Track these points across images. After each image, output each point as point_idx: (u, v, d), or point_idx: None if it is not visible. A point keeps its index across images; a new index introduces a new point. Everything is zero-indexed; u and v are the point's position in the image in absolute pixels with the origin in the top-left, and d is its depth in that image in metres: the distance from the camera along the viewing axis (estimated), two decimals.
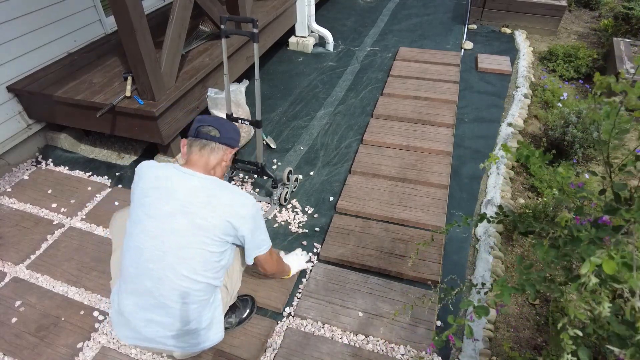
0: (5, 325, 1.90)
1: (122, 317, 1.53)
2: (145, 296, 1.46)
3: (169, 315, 1.47)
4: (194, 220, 1.41)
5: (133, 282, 1.47)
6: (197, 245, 1.42)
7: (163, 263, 1.42)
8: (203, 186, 1.45)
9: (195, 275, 1.44)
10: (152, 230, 1.43)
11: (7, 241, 2.29)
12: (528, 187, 2.72)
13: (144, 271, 1.44)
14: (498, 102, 3.53)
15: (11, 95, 2.69)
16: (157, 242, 1.42)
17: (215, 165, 1.53)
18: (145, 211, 1.45)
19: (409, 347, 1.81)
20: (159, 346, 1.54)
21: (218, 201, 1.44)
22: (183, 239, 1.41)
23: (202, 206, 1.42)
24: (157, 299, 1.45)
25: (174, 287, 1.44)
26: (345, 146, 3.02)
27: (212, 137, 1.51)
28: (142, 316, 1.48)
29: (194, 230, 1.41)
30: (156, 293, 1.44)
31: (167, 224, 1.41)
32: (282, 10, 3.83)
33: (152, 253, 1.42)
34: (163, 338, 1.51)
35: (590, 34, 4.80)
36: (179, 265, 1.42)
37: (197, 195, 1.43)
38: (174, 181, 1.44)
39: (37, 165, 2.84)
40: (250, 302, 1.92)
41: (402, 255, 2.19)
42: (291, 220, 2.44)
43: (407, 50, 4.24)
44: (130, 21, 2.14)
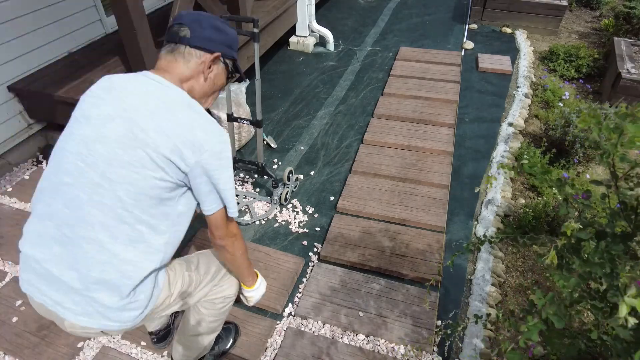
0: (6, 325, 1.91)
1: (22, 253, 1.14)
2: (49, 222, 1.08)
3: (67, 258, 1.07)
4: (131, 128, 1.04)
5: (42, 201, 1.10)
6: (129, 166, 1.03)
7: (82, 179, 1.04)
8: (160, 94, 1.09)
9: (119, 210, 1.05)
10: (80, 133, 1.07)
11: (8, 240, 2.29)
12: (528, 186, 2.71)
13: (57, 186, 1.07)
14: (499, 101, 3.52)
15: (12, 95, 2.69)
16: (82, 149, 1.05)
17: (190, 77, 1.16)
18: (82, 111, 1.10)
19: (409, 347, 1.81)
20: (46, 303, 1.11)
21: (172, 116, 1.07)
22: (113, 152, 1.03)
23: (147, 114, 1.05)
24: (60, 230, 1.06)
25: (85, 219, 1.05)
26: (346, 146, 3.02)
27: (180, 38, 1.13)
28: (36, 253, 1.09)
29: (128, 142, 1.03)
30: (61, 221, 1.06)
31: (100, 128, 1.05)
32: (282, 10, 3.83)
33: (72, 163, 1.06)
34: (51, 289, 1.09)
35: (591, 33, 4.79)
36: (99, 188, 1.04)
37: (146, 102, 1.07)
38: (129, 84, 1.11)
39: (37, 164, 2.84)
40: (233, 331, 1.79)
41: (402, 255, 2.18)
42: (292, 220, 2.44)
43: (408, 50, 4.24)
44: (130, 21, 2.14)
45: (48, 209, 1.08)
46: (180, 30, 1.14)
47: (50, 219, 1.08)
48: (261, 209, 2.53)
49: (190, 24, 1.14)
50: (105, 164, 1.04)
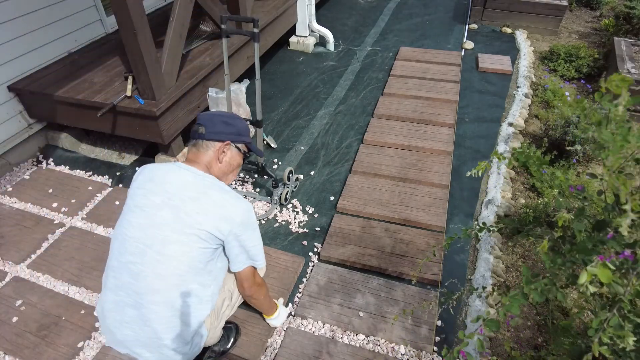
0: (6, 325, 1.91)
1: (102, 315, 1.42)
2: (122, 293, 1.35)
3: (141, 318, 1.34)
4: (178, 214, 1.32)
5: (114, 277, 1.38)
6: (179, 243, 1.32)
7: (144, 258, 1.32)
8: (196, 182, 1.38)
9: (176, 277, 1.33)
10: (137, 222, 1.35)
11: (8, 240, 2.29)
12: (529, 187, 2.71)
13: (124, 264, 1.35)
14: (499, 101, 3.52)
15: (12, 95, 2.69)
16: (141, 235, 1.33)
17: (210, 162, 1.46)
18: (135, 202, 1.38)
19: (409, 347, 1.81)
20: (130, 353, 1.40)
21: (208, 199, 1.36)
22: (165, 234, 1.31)
23: (189, 201, 1.33)
24: (132, 298, 1.34)
25: (151, 287, 1.32)
26: (346, 146, 3.02)
27: (199, 134, 1.46)
28: (116, 316, 1.37)
29: (176, 225, 1.32)
30: (132, 290, 1.33)
31: (153, 216, 1.33)
32: (282, 10, 3.83)
33: (134, 246, 1.33)
34: (133, 343, 1.38)
35: (592, 33, 4.79)
36: (159, 264, 1.31)
37: (187, 189, 1.36)
38: (169, 175, 1.39)
39: (38, 164, 2.84)
40: (234, 331, 1.83)
41: (402, 255, 2.18)
42: (292, 220, 2.44)
43: (408, 49, 4.24)
44: (131, 21, 2.14)
45: (119, 282, 1.36)
46: (199, 129, 1.47)
47: (122, 290, 1.35)
48: (261, 209, 2.53)
49: (205, 123, 1.47)
50: (161, 244, 1.31)
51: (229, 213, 1.36)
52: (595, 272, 0.75)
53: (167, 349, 1.35)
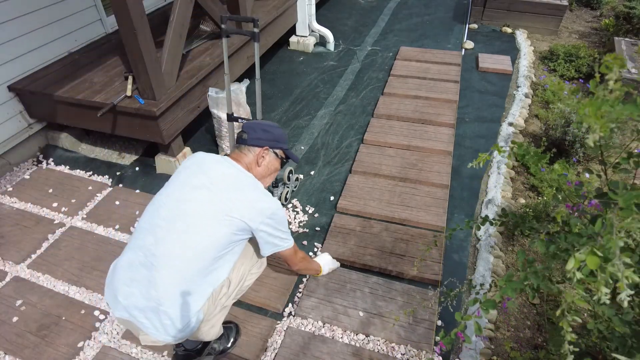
0: (7, 325, 1.91)
1: (112, 273, 1.47)
2: (141, 252, 1.42)
3: (150, 280, 1.38)
4: (214, 198, 1.44)
5: (139, 238, 1.46)
6: (209, 222, 1.42)
7: (171, 225, 1.41)
8: (238, 176, 1.51)
9: (193, 251, 1.40)
10: (175, 195, 1.47)
11: (8, 240, 2.29)
12: (529, 186, 2.71)
13: (152, 227, 1.44)
14: (499, 101, 3.52)
15: (12, 95, 2.69)
16: (175, 206, 1.44)
17: (251, 164, 1.60)
18: (178, 178, 1.52)
19: (409, 346, 1.81)
20: (126, 316, 1.40)
21: (243, 193, 1.48)
22: (198, 211, 1.42)
23: (226, 189, 1.46)
24: (149, 259, 1.40)
25: (169, 253, 1.39)
26: (346, 146, 3.02)
27: (242, 140, 1.62)
28: (128, 273, 1.42)
29: (211, 205, 1.43)
30: (150, 252, 1.40)
31: (191, 193, 1.45)
32: (282, 10, 3.83)
33: (167, 213, 1.44)
34: (133, 305, 1.39)
35: (592, 33, 4.79)
36: (183, 234, 1.40)
37: (225, 180, 1.48)
38: (216, 164, 1.52)
39: (38, 164, 2.84)
40: (234, 330, 1.85)
41: (402, 254, 2.19)
42: (292, 220, 2.45)
43: (408, 49, 4.24)
44: (131, 21, 2.14)
45: (142, 242, 1.43)
46: (242, 135, 1.63)
47: (142, 249, 1.41)
48: None
49: (248, 130, 1.63)
50: (191, 218, 1.41)
51: (261, 206, 1.48)
52: (583, 258, 0.76)
53: (164, 317, 1.37)
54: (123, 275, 1.42)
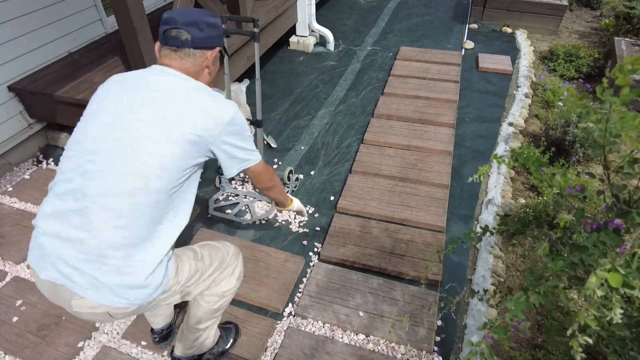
0: (7, 325, 1.91)
1: (37, 229, 1.18)
2: (69, 197, 1.12)
3: (86, 228, 1.10)
4: (161, 112, 1.14)
5: (64, 181, 1.15)
6: (157, 141, 1.12)
7: (106, 156, 1.11)
8: (178, 83, 1.21)
9: (142, 181, 1.11)
10: (105, 121, 1.15)
11: (8, 240, 2.29)
12: (529, 186, 2.71)
13: (79, 165, 1.13)
14: (499, 101, 3.52)
15: (12, 95, 2.69)
16: (108, 132, 1.13)
17: (196, 72, 1.26)
18: (100, 102, 1.19)
19: (409, 346, 1.81)
20: (58, 277, 1.11)
21: (197, 100, 1.19)
22: (142, 131, 1.12)
23: (176, 101, 1.17)
24: (80, 202, 1.10)
25: (108, 189, 1.10)
26: (346, 146, 3.02)
27: (182, 42, 1.21)
28: (57, 226, 1.12)
29: (158, 123, 1.13)
30: (81, 194, 1.11)
31: (127, 114, 1.14)
32: (282, 10, 3.83)
33: (96, 144, 1.13)
34: (67, 260, 1.10)
35: (592, 33, 4.79)
36: (124, 161, 1.11)
37: (172, 90, 1.18)
38: (150, 76, 1.21)
39: (38, 164, 2.84)
40: (233, 331, 1.79)
41: (402, 255, 2.19)
42: (292, 220, 2.45)
43: (408, 49, 4.24)
44: (131, 20, 2.15)
45: (69, 186, 1.14)
46: (181, 35, 1.21)
47: (69, 194, 1.13)
48: (261, 208, 2.53)
49: (188, 28, 1.21)
50: (134, 141, 1.11)
51: (217, 113, 1.20)
52: (605, 275, 0.74)
53: (108, 272, 1.10)
54: (50, 228, 1.13)
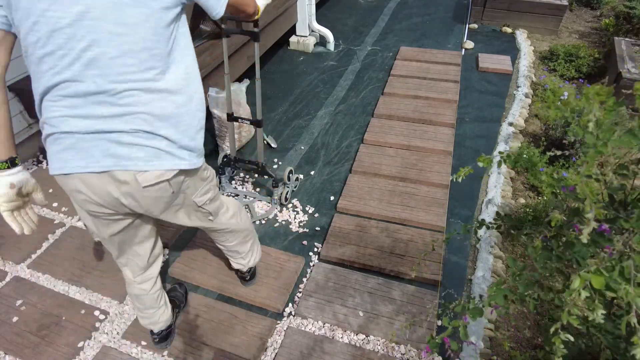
0: (7, 324, 1.91)
1: (59, 139, 1.14)
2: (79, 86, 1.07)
3: (119, 112, 1.09)
4: None
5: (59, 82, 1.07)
6: (138, 4, 1.04)
7: (96, 36, 1.03)
8: None
9: (147, 52, 1.08)
10: None
11: (8, 240, 2.29)
12: (529, 186, 2.71)
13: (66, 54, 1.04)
14: (499, 101, 3.52)
15: (12, 95, 2.69)
16: (80, 9, 1.01)
17: None
18: None
19: (409, 346, 1.81)
20: (113, 163, 1.13)
21: None
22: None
23: None
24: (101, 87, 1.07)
25: (120, 69, 1.06)
26: (346, 145, 3.02)
27: None
28: (78, 111, 1.09)
29: None
30: (92, 82, 1.06)
31: None
32: (282, 10, 3.82)
33: (74, 29, 1.02)
34: (118, 141, 1.11)
35: (592, 33, 4.79)
36: (119, 37, 1.04)
37: None
38: None
39: (38, 164, 2.84)
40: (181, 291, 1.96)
41: (402, 255, 2.19)
42: (292, 220, 2.45)
43: (408, 49, 4.24)
44: None
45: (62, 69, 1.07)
46: None
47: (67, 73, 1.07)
48: (261, 208, 2.53)
49: None
50: (119, 12, 1.03)
51: None
52: (588, 277, 0.75)
53: (162, 137, 1.15)
54: (83, 124, 1.10)
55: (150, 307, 1.68)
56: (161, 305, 1.70)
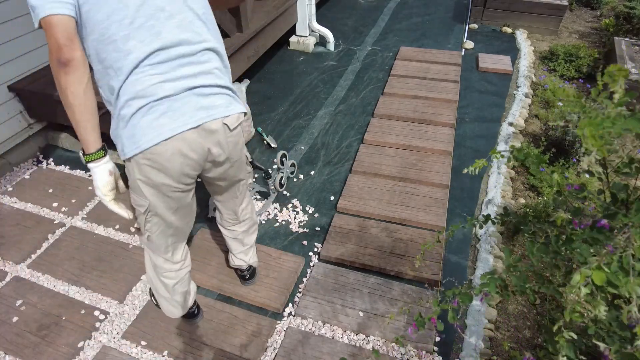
0: (7, 324, 1.91)
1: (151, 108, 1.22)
2: (167, 55, 1.21)
3: (195, 59, 1.26)
4: None
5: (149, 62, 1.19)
6: None
7: (176, 7, 1.22)
8: None
9: (213, 25, 1.34)
10: None
11: (8, 240, 2.29)
12: (529, 186, 2.71)
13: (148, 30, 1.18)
14: (499, 101, 3.52)
15: (12, 95, 2.69)
16: None
17: None
18: None
19: (409, 346, 1.81)
20: (206, 115, 1.26)
21: None
22: None
23: None
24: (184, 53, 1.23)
25: (201, 37, 1.27)
26: (346, 145, 3.02)
27: None
28: (178, 74, 1.22)
29: None
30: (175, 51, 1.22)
31: None
32: (282, 10, 3.82)
33: (142, 10, 1.17)
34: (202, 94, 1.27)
35: (592, 33, 4.79)
36: (191, 11, 1.25)
37: None
38: None
39: (38, 164, 2.84)
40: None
41: (402, 254, 2.19)
42: (292, 220, 2.45)
43: (408, 49, 4.24)
44: None
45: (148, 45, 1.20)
46: None
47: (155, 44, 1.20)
48: (261, 208, 2.52)
49: None
50: None
51: None
52: (589, 273, 0.75)
53: (224, 86, 1.35)
54: (171, 86, 1.22)
55: (187, 282, 1.72)
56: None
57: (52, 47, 1.16)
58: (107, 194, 1.31)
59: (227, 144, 1.37)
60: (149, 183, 1.30)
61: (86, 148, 1.27)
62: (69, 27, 1.14)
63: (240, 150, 1.47)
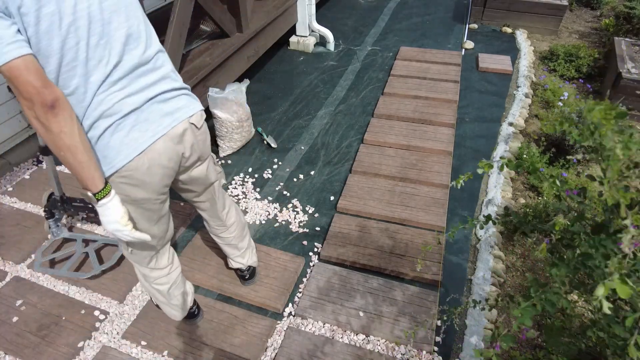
0: (7, 324, 1.91)
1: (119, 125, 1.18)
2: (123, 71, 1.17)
3: (152, 65, 1.25)
4: None
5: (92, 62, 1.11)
6: None
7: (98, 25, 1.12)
8: None
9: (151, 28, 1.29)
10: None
11: (8, 240, 2.29)
12: (529, 186, 2.71)
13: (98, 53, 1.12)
14: (499, 101, 3.52)
15: (12, 95, 2.69)
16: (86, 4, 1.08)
17: None
18: None
19: (409, 347, 1.81)
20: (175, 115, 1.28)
21: None
22: None
23: None
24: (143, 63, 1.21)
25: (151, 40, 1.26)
26: (346, 146, 3.02)
27: None
28: (136, 87, 1.20)
29: None
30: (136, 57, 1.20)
31: None
32: (282, 10, 3.82)
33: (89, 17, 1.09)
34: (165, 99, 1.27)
35: (592, 33, 4.79)
36: (136, 19, 1.21)
37: None
38: None
39: (38, 164, 2.84)
40: None
41: (402, 255, 2.19)
42: (292, 220, 2.45)
43: (408, 49, 4.24)
44: None
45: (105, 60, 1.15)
46: None
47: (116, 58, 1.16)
48: (262, 208, 2.52)
49: None
50: None
51: None
52: (613, 286, 0.72)
53: (182, 86, 1.36)
54: (133, 100, 1.20)
55: (182, 283, 1.71)
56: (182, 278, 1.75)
57: (30, 94, 0.99)
58: (127, 224, 1.22)
59: (197, 143, 1.38)
60: (128, 200, 1.27)
61: (94, 186, 1.17)
62: (37, 65, 1.01)
63: (208, 147, 1.49)
